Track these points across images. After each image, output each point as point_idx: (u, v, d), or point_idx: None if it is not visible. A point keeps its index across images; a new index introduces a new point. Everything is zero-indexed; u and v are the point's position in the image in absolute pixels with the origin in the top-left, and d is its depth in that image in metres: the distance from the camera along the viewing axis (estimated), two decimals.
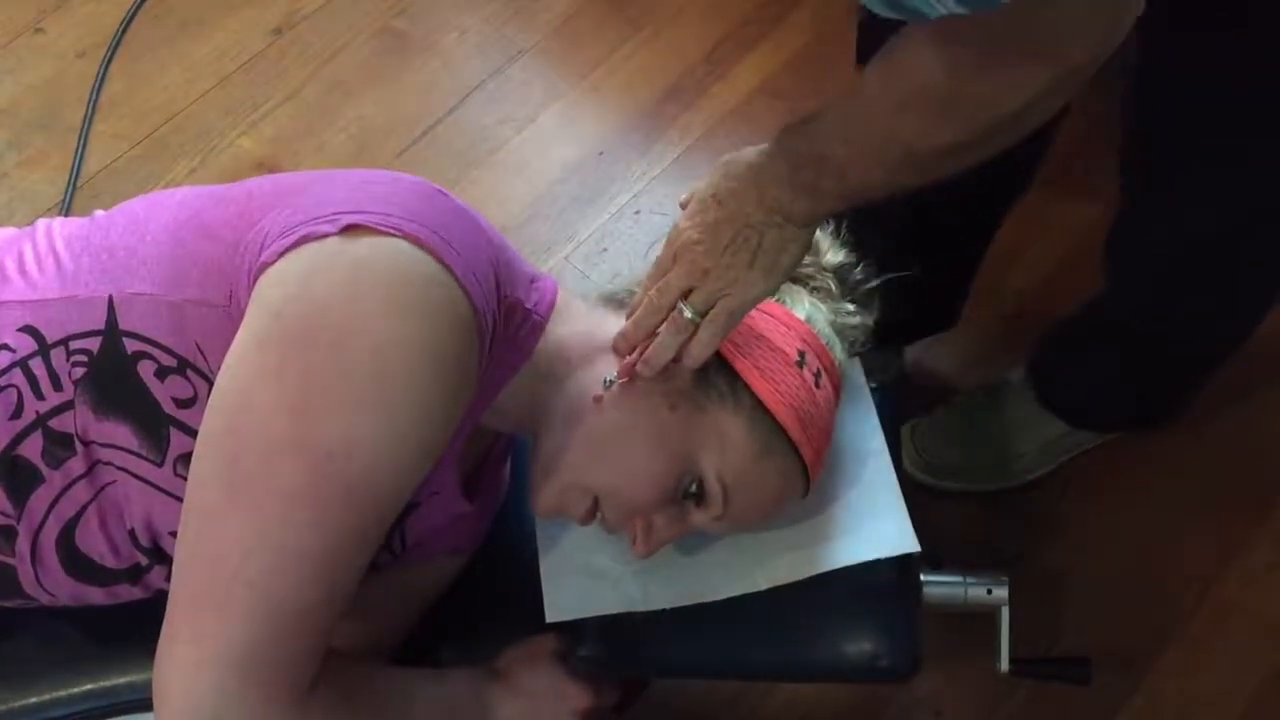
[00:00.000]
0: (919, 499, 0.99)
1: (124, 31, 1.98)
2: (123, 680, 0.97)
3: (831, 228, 0.97)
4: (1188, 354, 1.35)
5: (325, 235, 0.75)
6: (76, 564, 0.87)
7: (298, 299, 0.75)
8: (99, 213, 0.91)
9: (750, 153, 0.82)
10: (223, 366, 0.76)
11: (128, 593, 0.90)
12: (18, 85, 1.93)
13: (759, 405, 0.86)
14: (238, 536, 0.73)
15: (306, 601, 0.75)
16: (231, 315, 0.78)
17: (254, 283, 0.77)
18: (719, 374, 0.87)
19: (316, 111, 1.89)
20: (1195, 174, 1.08)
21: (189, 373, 0.80)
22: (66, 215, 1.75)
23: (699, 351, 0.85)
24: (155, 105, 1.90)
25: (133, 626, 0.89)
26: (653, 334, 0.86)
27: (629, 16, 1.96)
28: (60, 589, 0.89)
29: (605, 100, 1.90)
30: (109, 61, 1.94)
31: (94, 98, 1.90)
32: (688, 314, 0.84)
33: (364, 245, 0.75)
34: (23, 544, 0.85)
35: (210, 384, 0.78)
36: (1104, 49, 0.70)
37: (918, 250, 1.07)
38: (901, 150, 0.77)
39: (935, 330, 1.54)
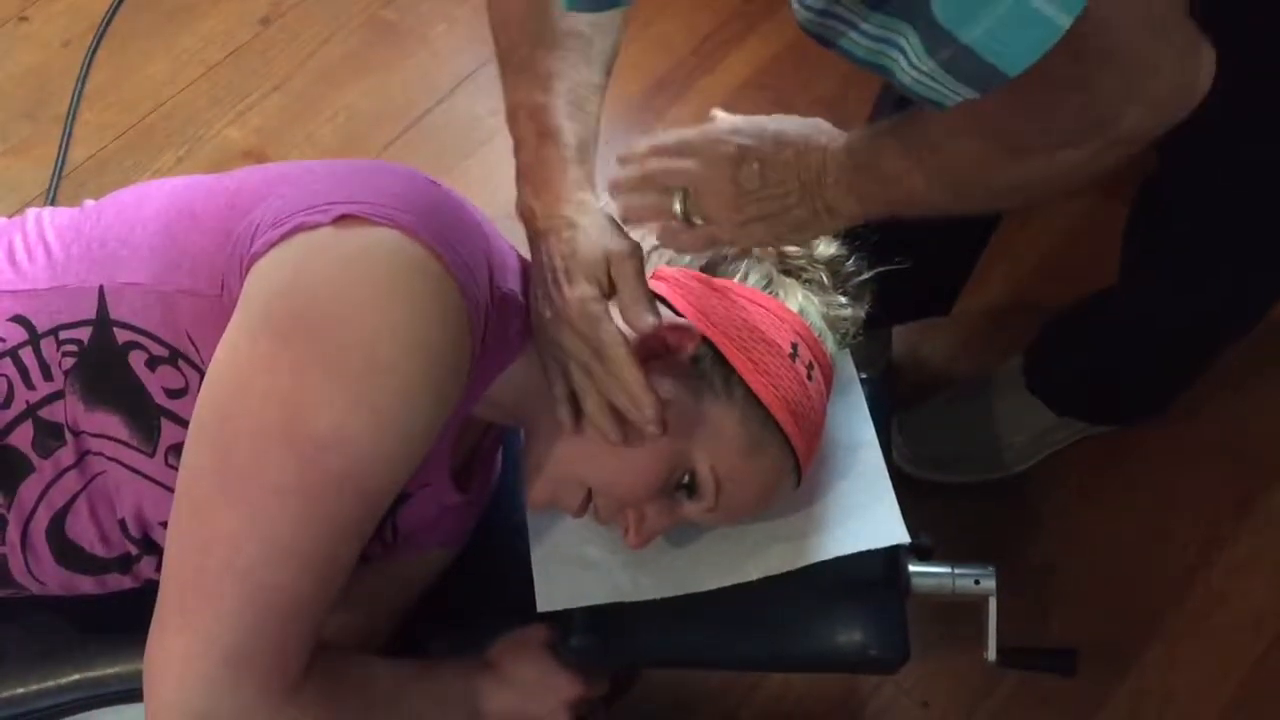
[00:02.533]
0: (907, 490, 1.00)
1: (110, 20, 1.96)
2: (110, 670, 0.96)
3: None
4: (1189, 348, 1.36)
5: (318, 225, 0.75)
6: (67, 553, 0.86)
7: (290, 290, 0.74)
8: (89, 202, 0.90)
9: (828, 131, 0.81)
10: (214, 357, 0.76)
11: (117, 582, 0.90)
12: (1, 74, 1.91)
13: (752, 398, 0.86)
14: (229, 528, 0.73)
15: (297, 593, 0.75)
16: (223, 305, 0.78)
17: (246, 273, 0.77)
18: (712, 366, 0.87)
19: (304, 102, 1.88)
20: (1239, 150, 1.08)
21: (180, 363, 0.80)
22: (52, 204, 1.74)
23: (674, 250, 0.85)
24: (141, 95, 1.88)
25: (120, 616, 0.88)
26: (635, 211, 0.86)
27: None
28: (50, 578, 0.88)
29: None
30: (94, 50, 1.93)
31: (79, 87, 1.89)
32: (677, 206, 0.83)
33: (357, 236, 0.75)
34: (13, 533, 0.85)
35: (202, 374, 0.78)
36: (1156, 123, 0.67)
37: (919, 236, 1.08)
38: (951, 181, 0.76)
39: (928, 315, 1.54)
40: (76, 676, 0.96)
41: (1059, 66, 0.59)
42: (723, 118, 0.85)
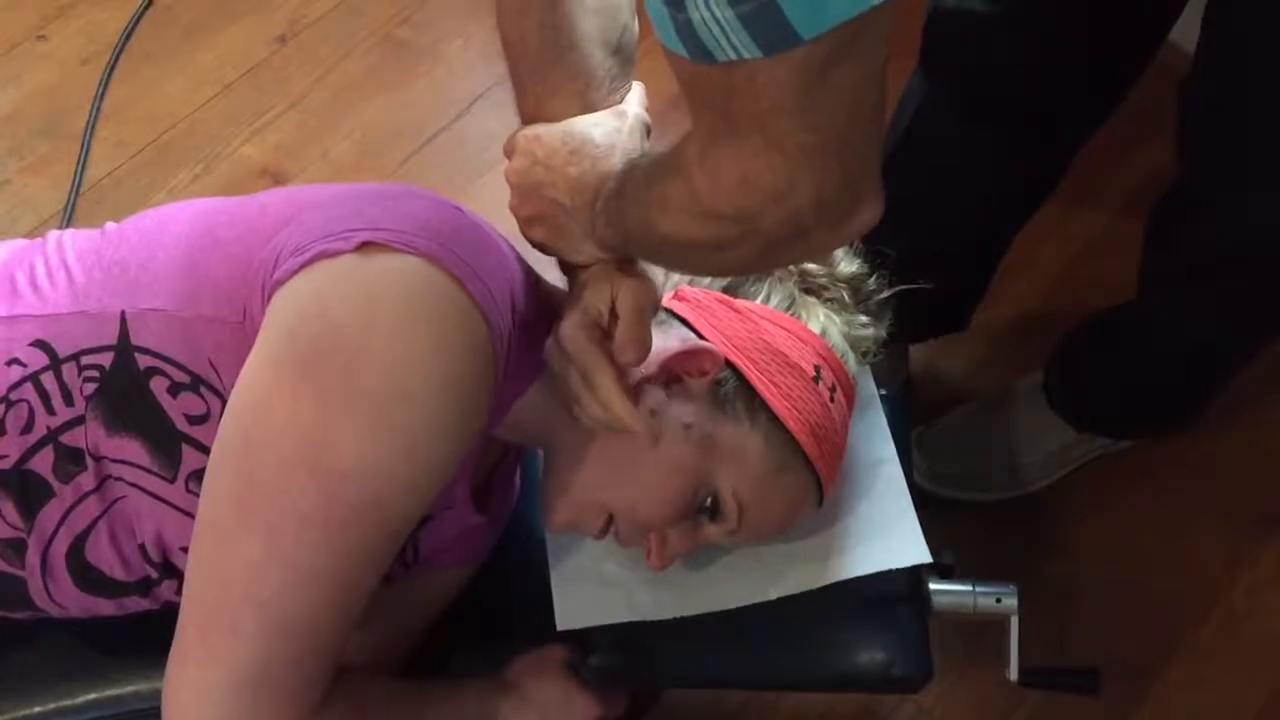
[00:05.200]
0: (926, 507, 0.99)
1: (127, 39, 1.97)
2: (128, 689, 0.96)
3: None
4: (1209, 362, 1.35)
5: (340, 253, 0.75)
6: (86, 577, 0.86)
7: (312, 318, 0.74)
8: (110, 225, 0.90)
9: (629, 141, 0.81)
10: (237, 384, 0.76)
11: (136, 604, 0.90)
12: (20, 92, 1.92)
13: (775, 421, 0.86)
14: (250, 557, 0.73)
15: (318, 621, 0.75)
16: (245, 332, 0.78)
17: (268, 300, 0.77)
18: (736, 390, 0.86)
19: (320, 119, 1.89)
20: (1258, 166, 1.08)
21: (202, 389, 0.80)
22: (69, 223, 1.75)
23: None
24: (158, 113, 1.89)
25: (138, 636, 0.89)
26: None
27: (645, 21, 1.95)
28: (70, 601, 0.88)
29: None
30: (112, 69, 1.93)
31: (97, 105, 1.89)
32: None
33: (379, 263, 0.75)
34: (33, 557, 0.85)
35: (223, 401, 0.78)
36: (800, 237, 0.65)
37: (936, 254, 1.07)
38: (641, 218, 0.74)
39: (945, 331, 1.53)
40: (93, 695, 0.96)
41: (743, 119, 0.59)
42: (576, 121, 0.82)
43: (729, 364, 0.86)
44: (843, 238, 0.67)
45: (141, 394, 0.80)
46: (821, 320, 0.92)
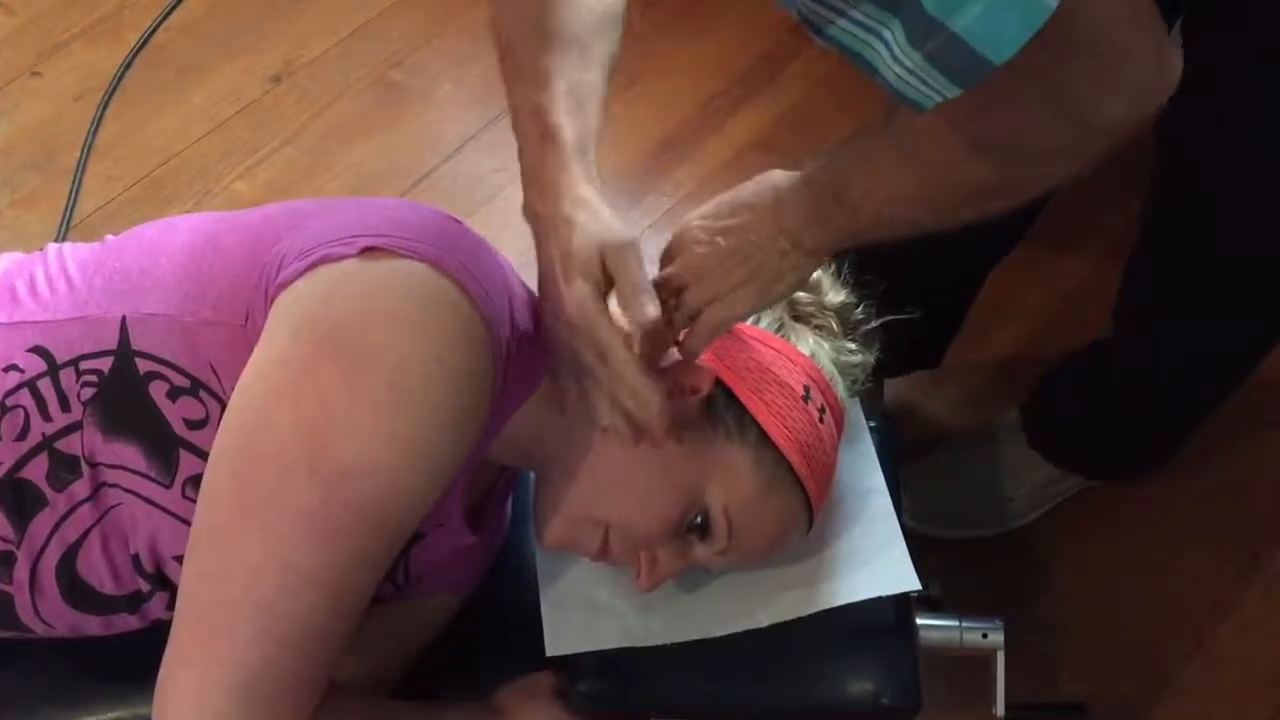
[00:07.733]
0: (912, 543, 1.00)
1: (121, 76, 1.99)
2: (111, 716, 0.95)
3: (833, 268, 0.98)
4: (1181, 399, 1.36)
5: (343, 257, 0.76)
6: (76, 591, 0.86)
7: (315, 319, 0.75)
8: (110, 237, 0.91)
9: (780, 175, 0.83)
10: (238, 385, 0.76)
11: (124, 623, 0.89)
12: (13, 127, 1.93)
13: (765, 439, 0.87)
14: (247, 557, 0.73)
15: (313, 625, 0.75)
16: (247, 336, 0.78)
17: (271, 303, 0.77)
18: (726, 407, 0.87)
19: (312, 158, 1.91)
20: (1227, 208, 1.10)
21: (201, 393, 0.80)
22: None
23: (685, 354, 0.85)
24: (151, 149, 1.90)
25: (124, 661, 0.88)
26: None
27: (624, 69, 1.95)
28: (58, 619, 0.88)
29: (599, 152, 1.91)
30: (106, 105, 1.95)
31: (90, 140, 1.91)
32: (677, 312, 0.84)
33: (382, 267, 0.75)
34: (21, 571, 0.84)
35: (223, 405, 0.78)
36: (1131, 113, 0.68)
37: (909, 290, 1.09)
38: (923, 188, 0.77)
39: (918, 368, 1.54)
40: None
41: (1034, 59, 0.61)
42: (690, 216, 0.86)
43: (719, 382, 0.87)
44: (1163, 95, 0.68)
45: (140, 399, 0.81)
46: (811, 344, 0.93)
